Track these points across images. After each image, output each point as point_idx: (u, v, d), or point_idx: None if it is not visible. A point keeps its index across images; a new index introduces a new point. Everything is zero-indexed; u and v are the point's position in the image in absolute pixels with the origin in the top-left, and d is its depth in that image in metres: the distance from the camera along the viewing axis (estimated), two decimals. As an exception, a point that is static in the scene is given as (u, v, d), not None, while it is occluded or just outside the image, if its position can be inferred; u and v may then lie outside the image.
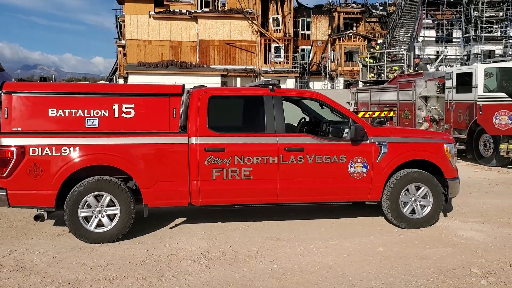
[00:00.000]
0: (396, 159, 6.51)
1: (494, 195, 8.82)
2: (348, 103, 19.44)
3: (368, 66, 18.12)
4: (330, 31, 42.36)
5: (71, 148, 5.73)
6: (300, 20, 42.64)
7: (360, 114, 16.45)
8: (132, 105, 5.99)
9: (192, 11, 40.25)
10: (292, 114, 8.06)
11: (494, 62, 12.78)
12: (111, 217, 5.90)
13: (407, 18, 27.02)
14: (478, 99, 11.77)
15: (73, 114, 5.84)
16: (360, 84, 20.07)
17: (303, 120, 7.84)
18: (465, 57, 40.18)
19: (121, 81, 40.00)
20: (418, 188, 6.62)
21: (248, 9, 40.15)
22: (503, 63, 12.22)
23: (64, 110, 5.82)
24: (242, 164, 6.14)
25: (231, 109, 6.57)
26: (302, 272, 5.00)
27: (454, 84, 13.18)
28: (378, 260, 5.36)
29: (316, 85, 41.10)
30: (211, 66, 39.21)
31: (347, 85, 31.91)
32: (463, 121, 12.91)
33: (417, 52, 41.14)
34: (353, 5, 43.77)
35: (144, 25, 39.57)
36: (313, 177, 6.36)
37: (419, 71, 16.36)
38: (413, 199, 6.61)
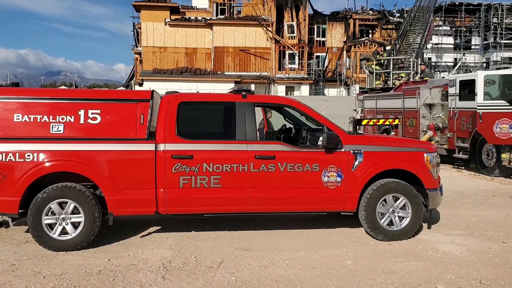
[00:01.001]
0: (372, 169, 6.27)
1: (487, 207, 8.48)
2: (355, 110, 19.15)
3: (374, 73, 17.82)
4: (345, 38, 42.00)
5: (35, 154, 5.67)
6: (315, 27, 42.38)
7: (364, 122, 16.20)
8: (99, 111, 5.90)
9: (208, 18, 40.39)
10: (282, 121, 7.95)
11: (497, 69, 12.38)
12: (75, 225, 5.81)
13: (418, 25, 26.58)
14: (478, 107, 11.40)
15: (38, 120, 5.79)
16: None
17: (283, 127, 7.66)
18: (484, 64, 39.42)
19: (137, 88, 40.31)
20: (396, 199, 6.37)
21: (263, 16, 40.12)
22: (505, 70, 11.82)
23: (30, 116, 5.77)
24: (211, 172, 5.99)
25: (202, 115, 6.43)
26: (259, 285, 4.83)
27: (457, 91, 12.81)
28: (343, 274, 5.14)
29: (331, 92, 40.73)
30: (225, 73, 39.23)
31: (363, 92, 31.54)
32: (466, 129, 12.53)
33: (434, 59, 40.66)
34: (370, 12, 43.32)
35: (160, 32, 39.84)
36: (285, 186, 6.17)
37: (424, 78, 15.99)
38: (391, 210, 6.36)
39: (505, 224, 7.25)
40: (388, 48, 26.41)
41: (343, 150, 6.24)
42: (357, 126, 15.90)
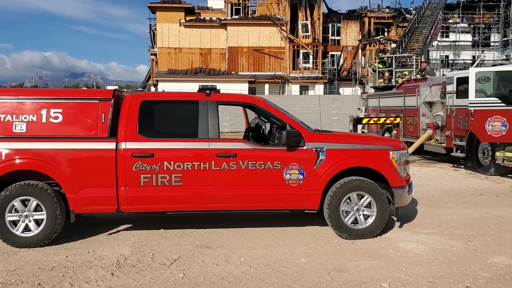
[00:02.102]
0: (334, 166, 6.23)
1: (469, 205, 8.32)
2: (359, 109, 18.98)
3: (377, 71, 17.59)
4: (360, 36, 41.63)
5: (-2, 153, 5.80)
6: (330, 25, 42.12)
7: (365, 121, 16.04)
8: (60, 110, 6.01)
9: (222, 18, 40.55)
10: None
11: (493, 65, 12.10)
12: (38, 222, 5.93)
13: (428, 22, 26.12)
14: (470, 105, 11.18)
15: (2, 119, 5.93)
16: (372, 90, 19.55)
17: (257, 125, 7.65)
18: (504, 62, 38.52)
19: (153, 89, 40.72)
20: (361, 197, 6.32)
21: (277, 16, 40.08)
22: (498, 67, 11.55)
23: (-6, 115, 5.91)
24: (172, 170, 6.04)
25: (165, 114, 6.46)
26: (204, 282, 4.85)
27: (454, 89, 12.59)
28: (292, 271, 5.12)
29: (346, 91, 40.41)
30: (239, 73, 39.30)
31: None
32: (463, 127, 12.30)
33: (451, 57, 39.98)
34: (386, 9, 42.83)
35: (175, 33, 40.18)
36: (247, 183, 6.17)
37: (425, 76, 15.74)
38: (355, 208, 6.31)
39: (479, 223, 7.12)
40: (393, 46, 25.98)
41: (305, 147, 6.21)
42: (357, 125, 15.78)
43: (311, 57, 40.10)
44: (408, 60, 19.12)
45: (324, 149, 6.24)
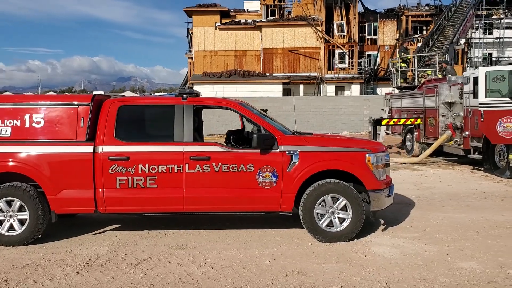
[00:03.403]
0: (308, 169, 6.23)
1: (466, 209, 8.08)
2: (382, 109, 18.66)
3: (399, 71, 17.19)
4: (398, 35, 40.79)
5: (-16, 157, 6.15)
6: (366, 25, 41.51)
7: (384, 122, 15.79)
8: (42, 115, 6.30)
9: (257, 20, 40.75)
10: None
11: (510, 63, 11.62)
12: (22, 222, 6.24)
13: (459, 20, 25.21)
14: (480, 105, 10.81)
15: (-11, 125, 6.28)
16: (396, 90, 19.15)
17: (243, 128, 7.73)
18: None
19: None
20: (336, 200, 6.28)
21: (313, 16, 39.90)
22: (507, 66, 11.07)
23: (-19, 121, 6.27)
24: (147, 173, 6.22)
25: (142, 118, 6.62)
26: (161, 281, 4.98)
27: (471, 89, 12.19)
28: (250, 274, 5.18)
29: (384, 91, 39.68)
30: (274, 74, 39.40)
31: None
32: (479, 128, 11.89)
33: (495, 54, 38.50)
34: (426, 7, 41.73)
35: (210, 37, 40.73)
36: (221, 186, 6.27)
37: (446, 76, 15.29)
38: (330, 211, 6.29)
39: (467, 227, 6.92)
40: (419, 45, 25.27)
41: (278, 150, 6.24)
42: (376, 127, 15.54)
43: (346, 57, 39.65)
44: (431, 59, 18.61)
45: (298, 152, 6.25)
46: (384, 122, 15.68)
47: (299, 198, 6.34)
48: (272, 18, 41.37)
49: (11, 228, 6.25)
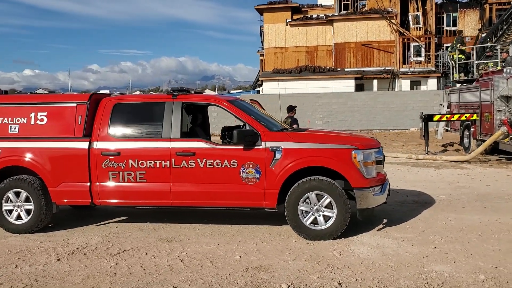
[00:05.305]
0: (290, 166, 6.16)
1: (486, 211, 7.53)
2: (441, 104, 17.70)
3: (457, 64, 16.14)
4: (480, 25, 38.29)
5: (-4, 151, 6.75)
6: (444, 15, 39.42)
7: (436, 118, 15.03)
8: (45, 113, 6.78)
9: (330, 15, 40.20)
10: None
11: None
12: (28, 212, 6.77)
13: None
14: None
15: (0, 122, 6.86)
16: (458, 84, 17.99)
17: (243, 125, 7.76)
18: None
19: (257, 88, 41.82)
20: (321, 197, 6.15)
21: (387, 8, 38.61)
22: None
23: (-5, 118, 6.88)
24: (136, 168, 6.48)
25: (135, 115, 6.83)
26: (124, 272, 5.18)
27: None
28: (212, 268, 5.24)
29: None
30: (346, 69, 38.66)
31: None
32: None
33: None
34: (513, -7, 38.81)
35: (281, 33, 40.79)
36: (205, 181, 6.39)
37: (505, 67, 14.16)
38: (314, 208, 6.17)
39: (472, 229, 6.48)
40: (483, 35, 23.43)
41: (261, 147, 6.24)
42: (427, 123, 14.84)
43: (423, 50, 37.99)
44: (492, 50, 17.29)
45: (281, 148, 6.20)
46: (436, 118, 14.92)
47: (286, 195, 6.28)
48: (344, 12, 40.59)
49: (18, 217, 6.80)
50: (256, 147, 6.25)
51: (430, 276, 4.82)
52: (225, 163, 6.30)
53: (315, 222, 6.20)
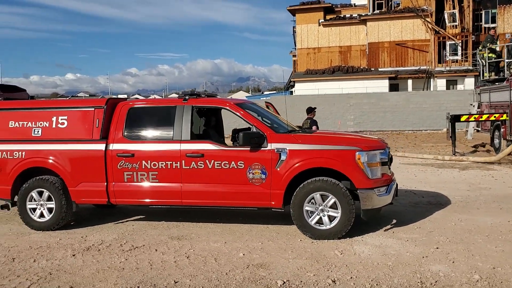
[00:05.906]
0: (296, 167, 6.31)
1: (500, 213, 7.47)
2: (471, 104, 17.36)
3: (487, 63, 15.78)
4: (521, 21, 37.16)
5: (19, 153, 7.19)
6: (482, 12, 38.37)
7: (463, 118, 14.79)
8: (66, 117, 7.18)
9: (363, 14, 39.86)
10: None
11: None
12: (51, 210, 7.17)
13: None
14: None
15: (25, 125, 7.31)
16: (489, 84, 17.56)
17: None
18: None
19: (292, 90, 41.87)
20: (326, 198, 6.28)
21: (422, 7, 37.98)
22: None
23: (19, 122, 7.33)
24: (149, 169, 6.78)
25: (149, 118, 7.12)
26: (133, 267, 5.45)
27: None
28: (215, 265, 5.45)
29: (502, 84, 36.54)
30: (379, 69, 38.26)
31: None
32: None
33: None
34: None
35: (314, 34, 40.74)
36: (214, 181, 6.62)
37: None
38: (320, 208, 6.31)
39: (480, 231, 6.46)
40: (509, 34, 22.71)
41: (267, 148, 6.42)
42: (455, 124, 14.62)
43: (459, 48, 37.12)
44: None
45: (286, 150, 6.36)
46: (463, 118, 14.69)
47: (292, 196, 6.44)
48: (378, 11, 40.17)
49: (41, 215, 7.21)
50: (262, 148, 6.43)
51: (425, 275, 4.88)
52: (233, 164, 6.52)
53: (320, 222, 6.33)
